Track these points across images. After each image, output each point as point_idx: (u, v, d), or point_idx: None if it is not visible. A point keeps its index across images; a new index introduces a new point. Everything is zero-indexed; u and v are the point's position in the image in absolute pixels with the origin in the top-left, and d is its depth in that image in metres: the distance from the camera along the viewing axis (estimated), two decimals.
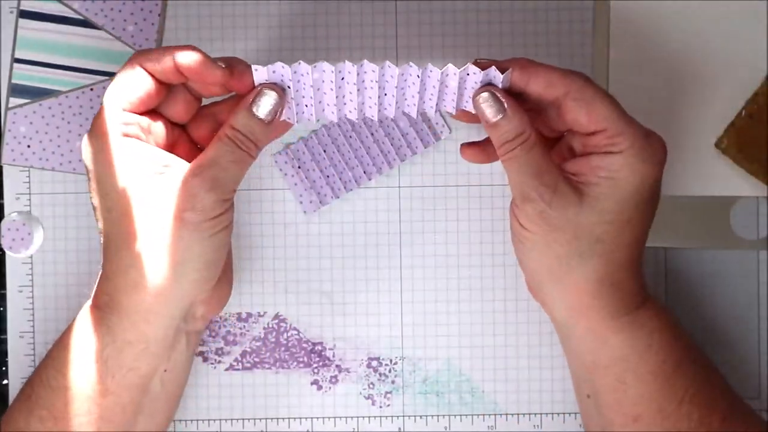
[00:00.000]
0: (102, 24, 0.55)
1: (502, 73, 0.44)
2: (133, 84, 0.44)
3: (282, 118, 0.47)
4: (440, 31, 0.56)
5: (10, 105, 0.55)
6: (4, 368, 0.56)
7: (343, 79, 0.44)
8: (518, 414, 0.56)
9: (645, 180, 0.44)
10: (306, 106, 0.46)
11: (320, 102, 0.46)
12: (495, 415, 0.56)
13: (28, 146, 0.55)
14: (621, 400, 0.47)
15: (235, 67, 0.45)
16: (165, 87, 0.46)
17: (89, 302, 0.47)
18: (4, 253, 0.56)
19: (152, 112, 0.46)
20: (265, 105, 0.45)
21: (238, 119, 0.45)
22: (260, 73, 0.45)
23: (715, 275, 0.56)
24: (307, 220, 0.56)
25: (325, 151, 0.55)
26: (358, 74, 0.44)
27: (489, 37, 0.56)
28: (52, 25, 0.55)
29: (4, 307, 0.56)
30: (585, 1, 0.55)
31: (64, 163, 0.55)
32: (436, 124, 0.55)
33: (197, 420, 0.56)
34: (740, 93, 0.54)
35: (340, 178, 0.55)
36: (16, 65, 0.55)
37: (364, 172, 0.55)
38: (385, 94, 0.45)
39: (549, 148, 0.48)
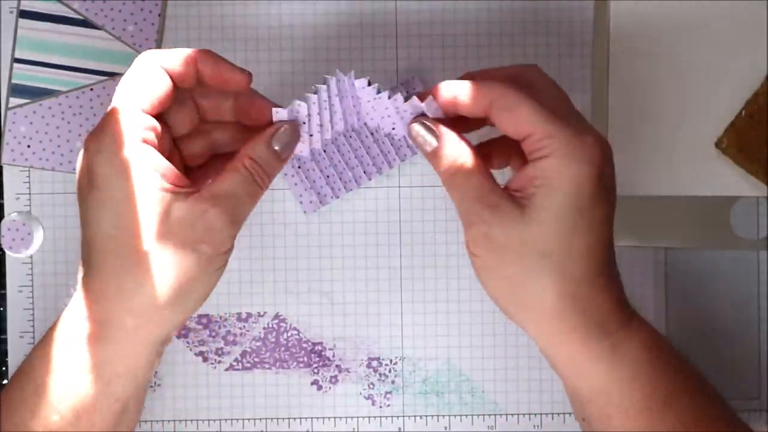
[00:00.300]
0: (102, 24, 0.55)
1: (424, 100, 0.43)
2: (153, 82, 0.42)
3: (296, 152, 0.46)
4: (440, 31, 0.56)
5: (10, 105, 0.55)
6: (4, 368, 0.56)
7: (325, 101, 0.44)
8: (518, 414, 0.56)
9: (581, 182, 0.40)
10: (311, 135, 0.45)
11: (320, 125, 0.45)
12: (495, 415, 0.56)
13: (28, 146, 0.55)
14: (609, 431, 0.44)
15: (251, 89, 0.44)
16: (177, 91, 0.43)
17: (65, 324, 0.43)
18: (4, 253, 0.56)
19: (158, 118, 0.43)
20: (284, 140, 0.44)
21: (257, 150, 0.43)
22: (280, 114, 0.44)
23: (715, 275, 0.56)
24: (307, 220, 0.56)
25: (325, 151, 0.55)
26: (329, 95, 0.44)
27: (489, 37, 0.56)
28: (52, 25, 0.55)
29: (4, 307, 0.56)
30: (585, 1, 0.55)
31: (64, 163, 0.55)
32: None
33: (197, 420, 0.56)
34: (740, 93, 0.54)
35: (340, 178, 0.55)
36: (16, 65, 0.55)
37: (364, 172, 0.55)
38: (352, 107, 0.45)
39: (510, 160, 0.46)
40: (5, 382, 0.56)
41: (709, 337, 0.55)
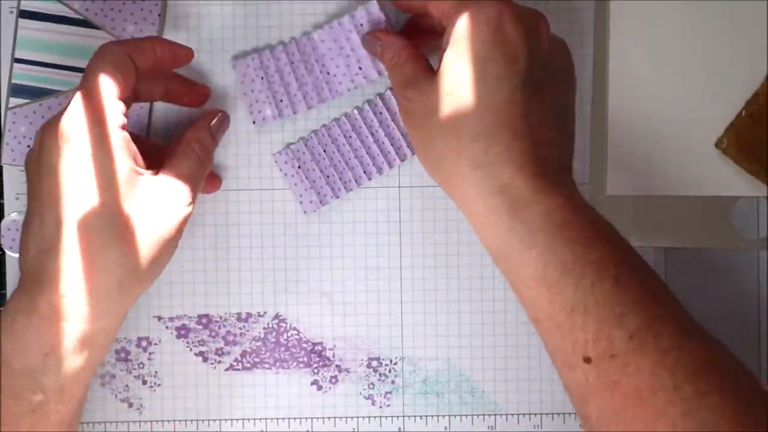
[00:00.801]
0: (102, 24, 0.55)
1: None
2: (125, 71, 0.46)
3: (269, 117, 0.54)
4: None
5: (10, 105, 0.55)
6: None
7: (293, 63, 0.51)
8: (518, 414, 0.56)
9: (471, 40, 0.43)
10: (280, 100, 0.52)
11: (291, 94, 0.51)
12: (495, 415, 0.56)
13: (28, 146, 0.55)
14: (519, 298, 0.44)
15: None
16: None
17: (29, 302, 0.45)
18: (4, 253, 0.56)
19: None
20: (218, 126, 0.53)
21: (201, 134, 0.51)
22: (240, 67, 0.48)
23: (715, 275, 0.56)
24: (307, 220, 0.56)
25: (325, 151, 0.55)
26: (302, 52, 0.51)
27: None
28: (52, 25, 0.55)
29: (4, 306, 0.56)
30: (585, 1, 0.55)
31: None
32: None
33: (197, 420, 0.56)
34: (740, 93, 0.54)
35: (340, 178, 0.55)
36: (16, 65, 0.55)
37: (364, 172, 0.55)
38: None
39: None
40: None
41: None
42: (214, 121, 0.52)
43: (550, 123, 0.44)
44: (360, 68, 0.54)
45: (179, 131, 0.53)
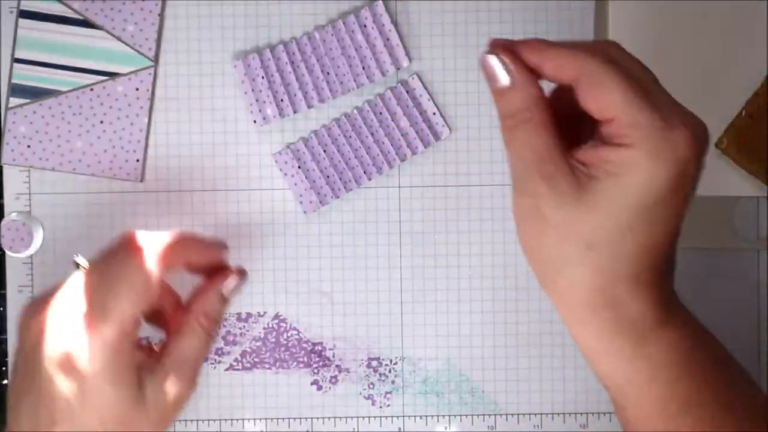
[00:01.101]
0: (102, 24, 0.55)
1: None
2: (149, 294, 0.43)
3: (269, 116, 0.47)
4: (440, 32, 0.56)
5: (10, 105, 0.55)
6: (4, 368, 0.56)
7: (293, 63, 0.47)
8: (518, 414, 0.56)
9: (655, 181, 0.36)
10: (281, 100, 0.48)
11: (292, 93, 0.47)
12: (495, 415, 0.56)
13: (28, 146, 0.55)
14: (624, 421, 0.41)
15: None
16: None
17: None
18: (4, 253, 0.56)
19: None
20: (232, 287, 0.47)
21: (210, 306, 0.46)
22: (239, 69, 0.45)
23: (715, 275, 0.56)
24: (307, 220, 0.56)
25: (325, 151, 0.55)
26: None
27: (489, 37, 0.55)
28: (52, 25, 0.55)
29: (4, 307, 0.56)
30: (585, 1, 0.55)
31: (64, 163, 0.55)
32: (436, 124, 0.55)
33: (197, 420, 0.56)
34: (740, 93, 0.54)
35: (340, 178, 0.55)
36: (16, 65, 0.55)
37: (364, 172, 0.55)
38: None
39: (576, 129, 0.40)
40: (5, 382, 0.56)
41: None
42: (227, 288, 0.47)
43: (675, 243, 0.39)
44: (362, 68, 0.54)
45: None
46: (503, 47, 0.38)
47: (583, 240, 0.37)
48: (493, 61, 0.38)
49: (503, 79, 0.38)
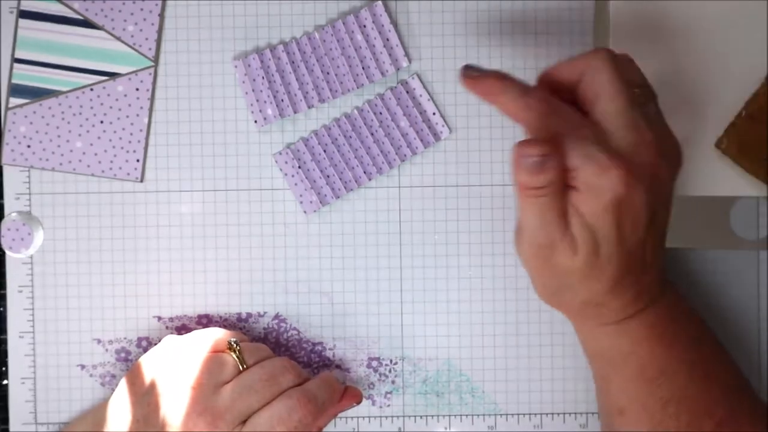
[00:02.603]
0: (102, 24, 0.55)
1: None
2: None
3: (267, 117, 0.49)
4: (440, 32, 0.56)
5: (10, 105, 0.55)
6: (4, 368, 0.56)
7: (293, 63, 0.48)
8: (518, 414, 0.56)
9: (601, 215, 0.43)
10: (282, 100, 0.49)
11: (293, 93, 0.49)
12: (495, 415, 0.56)
13: (28, 146, 0.55)
14: (605, 390, 0.49)
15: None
16: None
17: None
18: (4, 253, 0.56)
19: None
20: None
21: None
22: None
23: (715, 275, 0.56)
24: (307, 220, 0.56)
25: (325, 151, 0.55)
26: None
27: (489, 37, 0.56)
28: (52, 25, 0.55)
29: (4, 307, 0.56)
30: (585, 1, 0.55)
31: (64, 163, 0.55)
32: (436, 124, 0.55)
33: None
34: (740, 93, 0.54)
35: (340, 178, 0.55)
36: (16, 65, 0.55)
37: (364, 172, 0.55)
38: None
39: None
40: (6, 382, 0.56)
41: None
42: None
43: (658, 241, 0.46)
44: (362, 68, 0.55)
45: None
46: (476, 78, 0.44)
47: (575, 274, 0.44)
48: (528, 160, 0.42)
49: (537, 178, 0.42)
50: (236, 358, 0.50)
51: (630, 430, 0.48)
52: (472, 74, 0.45)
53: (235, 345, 0.50)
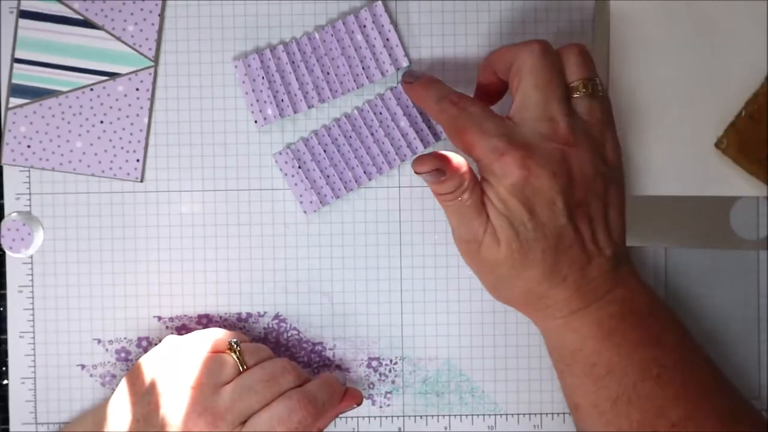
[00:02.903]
0: (102, 24, 0.55)
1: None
2: None
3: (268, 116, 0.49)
4: (440, 32, 0.56)
5: (10, 105, 0.55)
6: (4, 368, 0.56)
7: (293, 63, 0.49)
8: (518, 414, 0.56)
9: (505, 200, 0.46)
10: (282, 100, 0.49)
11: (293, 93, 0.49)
12: (495, 415, 0.56)
13: (28, 146, 0.55)
14: (563, 385, 0.50)
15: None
16: None
17: None
18: (4, 253, 0.56)
19: None
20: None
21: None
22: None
23: (715, 275, 0.56)
24: (307, 220, 0.56)
25: (325, 151, 0.55)
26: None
27: (489, 37, 0.56)
28: (52, 25, 0.55)
29: (4, 307, 0.56)
30: (585, 1, 0.55)
31: (64, 163, 0.55)
32: (436, 124, 0.55)
33: None
34: (740, 93, 0.54)
35: (340, 178, 0.55)
36: (16, 65, 0.55)
37: (364, 172, 0.55)
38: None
39: None
40: (6, 382, 0.56)
41: (709, 337, 0.55)
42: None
43: (601, 233, 0.47)
44: (362, 68, 0.55)
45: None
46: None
47: (504, 264, 0.47)
48: (426, 175, 0.47)
49: (436, 181, 0.47)
50: (236, 359, 0.50)
51: (584, 426, 0.49)
52: (407, 80, 0.52)
53: (235, 345, 0.50)
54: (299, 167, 0.55)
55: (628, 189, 0.55)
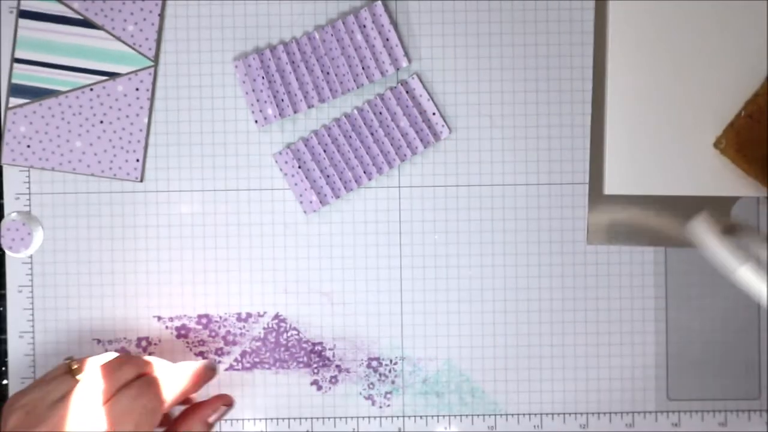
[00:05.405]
0: (102, 24, 0.55)
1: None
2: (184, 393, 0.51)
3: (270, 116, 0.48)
4: (440, 32, 0.56)
5: (10, 105, 0.55)
6: (4, 368, 0.56)
7: (293, 63, 0.48)
8: (518, 414, 0.56)
9: None
10: (282, 99, 0.48)
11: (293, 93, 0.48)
12: (495, 415, 0.56)
13: (28, 146, 0.55)
14: None
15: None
16: None
17: None
18: (4, 253, 0.56)
19: None
20: (217, 418, 0.54)
21: (194, 428, 0.53)
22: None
23: (715, 275, 0.56)
24: (307, 220, 0.56)
25: (325, 151, 0.55)
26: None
27: (489, 37, 0.56)
28: (52, 25, 0.55)
29: (4, 307, 0.56)
30: (585, 1, 0.55)
31: (64, 163, 0.55)
32: (436, 124, 0.56)
33: None
34: (740, 93, 0.54)
35: (340, 178, 0.55)
36: (16, 65, 0.55)
37: (364, 172, 0.55)
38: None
39: None
40: (6, 382, 0.56)
41: (709, 338, 0.56)
42: (213, 417, 0.53)
43: None
44: (362, 68, 0.55)
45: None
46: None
47: None
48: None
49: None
50: (71, 370, 0.49)
51: None
52: None
53: (68, 361, 0.49)
54: (299, 167, 0.55)
55: (627, 189, 0.55)
